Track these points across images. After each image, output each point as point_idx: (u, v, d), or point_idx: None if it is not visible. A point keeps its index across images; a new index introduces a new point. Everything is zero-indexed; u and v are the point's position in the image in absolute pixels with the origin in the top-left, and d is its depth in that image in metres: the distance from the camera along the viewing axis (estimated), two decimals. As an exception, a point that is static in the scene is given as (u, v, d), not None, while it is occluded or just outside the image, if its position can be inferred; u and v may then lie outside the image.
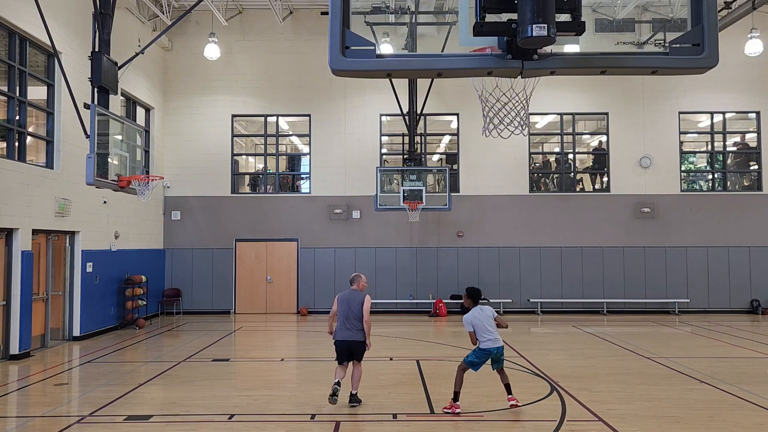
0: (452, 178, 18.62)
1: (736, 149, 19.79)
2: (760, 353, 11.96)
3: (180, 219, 19.16)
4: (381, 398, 8.45)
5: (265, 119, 19.60)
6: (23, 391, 9.30)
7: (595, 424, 7.22)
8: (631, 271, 18.84)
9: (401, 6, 13.84)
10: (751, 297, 18.69)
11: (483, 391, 8.83)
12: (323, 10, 19.09)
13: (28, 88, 12.52)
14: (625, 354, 11.91)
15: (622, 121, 19.28)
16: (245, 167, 21.03)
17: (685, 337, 14.35)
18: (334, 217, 19.06)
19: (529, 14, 3.57)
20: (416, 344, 13.45)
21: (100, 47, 9.97)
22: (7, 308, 11.64)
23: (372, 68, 3.97)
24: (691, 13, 3.99)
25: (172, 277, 19.03)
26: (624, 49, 4.31)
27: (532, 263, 18.67)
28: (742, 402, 8.18)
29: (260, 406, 8.11)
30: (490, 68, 3.99)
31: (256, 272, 19.18)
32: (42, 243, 13.10)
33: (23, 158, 12.32)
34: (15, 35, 12.15)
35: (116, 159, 10.13)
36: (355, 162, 19.14)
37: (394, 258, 19.02)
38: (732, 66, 18.39)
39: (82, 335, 14.05)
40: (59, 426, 7.28)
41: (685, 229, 18.93)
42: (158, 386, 9.41)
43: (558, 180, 19.65)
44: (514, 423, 7.42)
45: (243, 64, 19.42)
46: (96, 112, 9.44)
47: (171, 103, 19.32)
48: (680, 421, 7.32)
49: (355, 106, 19.33)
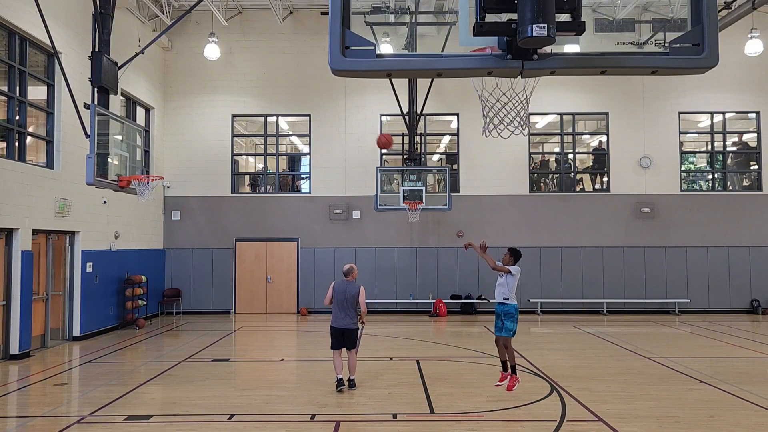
0: (452, 178, 18.63)
1: (736, 149, 19.79)
2: (760, 353, 11.97)
3: (180, 219, 19.16)
4: (381, 398, 8.46)
5: (265, 119, 19.61)
6: (23, 391, 9.30)
7: (595, 424, 7.22)
8: (631, 271, 18.85)
9: (401, 6, 13.85)
10: (751, 297, 18.69)
11: (483, 391, 8.84)
12: (323, 10, 19.10)
13: (28, 88, 12.52)
14: (625, 354, 11.91)
15: (622, 121, 19.28)
16: (245, 167, 21.04)
17: (685, 337, 14.35)
18: (334, 217, 19.07)
19: (529, 14, 3.57)
20: (416, 344, 13.45)
21: (100, 47, 9.96)
22: (7, 308, 11.64)
23: (372, 68, 3.97)
24: (691, 13, 3.98)
25: (172, 277, 19.03)
26: (624, 49, 4.31)
27: (532, 263, 18.62)
28: (742, 402, 8.19)
29: (260, 406, 8.12)
30: (490, 68, 3.99)
31: (256, 272, 19.18)
32: (42, 243, 13.10)
33: (23, 158, 12.32)
34: (15, 35, 12.15)
35: (116, 159, 10.13)
36: (355, 162, 19.14)
37: (394, 258, 19.02)
38: (732, 66, 18.40)
39: (82, 335, 14.06)
40: (59, 426, 7.28)
41: (685, 229, 18.94)
42: (158, 386, 9.41)
43: (558, 180, 19.65)
44: (514, 423, 7.42)
45: (243, 64, 19.43)
46: (96, 112, 9.43)
47: (171, 103, 19.32)
48: (680, 421, 7.32)
49: (355, 106, 19.33)
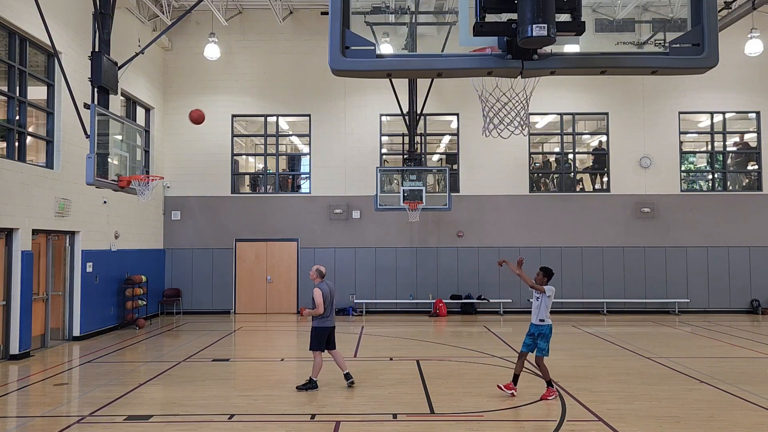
0: (452, 178, 18.62)
1: (736, 149, 19.79)
2: (760, 353, 11.96)
3: (180, 219, 19.16)
4: (381, 398, 8.46)
5: (265, 119, 19.60)
6: (23, 391, 9.30)
7: (595, 424, 7.22)
8: (631, 271, 18.84)
9: (401, 6, 13.84)
10: (751, 297, 18.69)
11: (483, 391, 8.84)
12: (323, 10, 19.09)
13: (28, 88, 12.52)
14: (625, 354, 11.91)
15: (622, 121, 19.28)
16: (245, 167, 21.03)
17: (685, 337, 14.35)
18: (334, 217, 19.07)
19: (529, 14, 3.58)
20: (416, 344, 13.45)
21: (100, 47, 9.96)
22: (7, 308, 11.64)
23: (372, 68, 3.97)
24: (691, 13, 3.99)
25: (172, 277, 19.03)
26: (624, 49, 4.31)
27: (532, 263, 18.55)
28: (742, 402, 8.18)
29: (260, 406, 8.11)
30: (490, 68, 3.99)
31: (256, 272, 19.18)
32: (42, 243, 13.10)
33: (23, 158, 12.32)
34: (15, 35, 12.15)
35: (116, 159, 10.13)
36: (355, 162, 19.14)
37: (394, 258, 19.02)
38: (732, 66, 18.40)
39: (82, 335, 14.05)
40: (59, 426, 7.28)
41: (685, 229, 18.93)
42: (158, 386, 9.41)
43: (558, 180, 19.65)
44: (514, 423, 7.42)
45: (243, 64, 19.42)
46: (96, 112, 9.43)
47: (171, 103, 19.32)
48: (680, 421, 7.32)
49: (355, 106, 19.33)
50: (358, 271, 18.99)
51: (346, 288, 18.83)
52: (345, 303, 18.76)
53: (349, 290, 18.89)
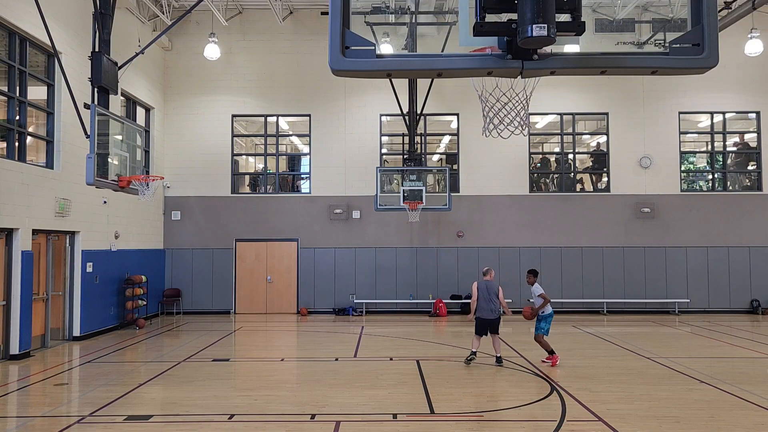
0: (452, 178, 18.62)
1: (736, 149, 19.79)
2: (760, 353, 11.97)
3: (180, 219, 19.16)
4: (381, 398, 8.46)
5: (265, 119, 19.61)
6: (23, 391, 9.30)
7: (595, 424, 7.22)
8: (631, 271, 18.84)
9: (401, 6, 13.86)
10: (751, 297, 18.69)
11: (483, 391, 8.84)
12: (323, 10, 19.09)
13: (28, 88, 12.51)
14: (625, 354, 11.91)
15: (622, 121, 19.28)
16: (245, 167, 21.03)
17: (685, 337, 14.35)
18: (334, 217, 19.07)
19: (529, 14, 3.57)
20: (416, 344, 13.45)
21: (100, 47, 9.97)
22: (7, 308, 11.64)
23: (372, 68, 3.97)
24: (691, 13, 3.98)
25: (172, 277, 19.03)
26: (624, 49, 4.31)
27: (532, 263, 18.61)
28: (742, 402, 8.19)
29: (260, 406, 8.12)
30: (490, 68, 3.99)
31: (256, 272, 19.18)
32: (42, 243, 13.10)
33: (23, 158, 12.32)
34: (15, 35, 12.15)
35: (116, 159, 10.13)
36: (355, 162, 19.14)
37: (394, 258, 19.02)
38: (732, 66, 18.40)
39: (82, 335, 14.05)
40: (59, 426, 7.28)
41: (685, 229, 18.93)
42: (158, 386, 9.41)
43: (558, 180, 19.65)
44: (514, 423, 7.42)
45: (243, 64, 19.42)
46: (96, 112, 9.44)
47: (171, 103, 19.32)
48: (680, 421, 7.32)
49: (355, 106, 19.33)
50: (358, 271, 18.99)
51: (346, 288, 18.84)
52: (345, 303, 18.77)
53: (350, 290, 18.89)
